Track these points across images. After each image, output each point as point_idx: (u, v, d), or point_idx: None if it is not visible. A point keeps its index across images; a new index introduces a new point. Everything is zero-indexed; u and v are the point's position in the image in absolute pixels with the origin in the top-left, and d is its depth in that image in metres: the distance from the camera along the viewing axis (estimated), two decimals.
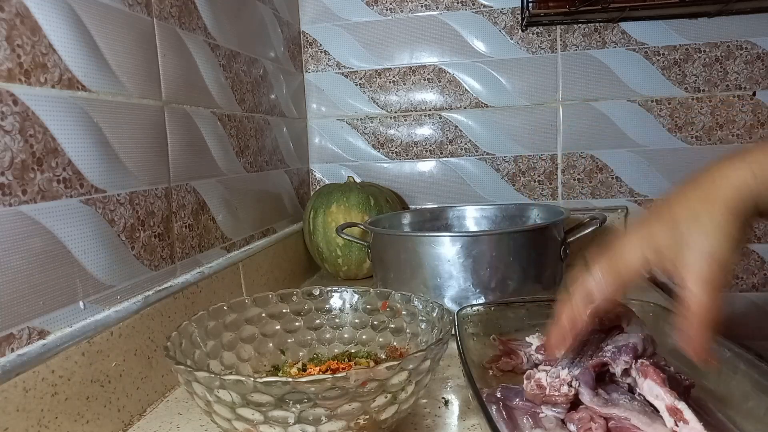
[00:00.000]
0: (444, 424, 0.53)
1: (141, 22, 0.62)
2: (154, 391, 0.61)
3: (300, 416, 0.41)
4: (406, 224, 1.00)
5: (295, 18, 1.17)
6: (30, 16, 0.47)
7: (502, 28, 1.13)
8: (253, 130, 0.92)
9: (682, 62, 1.08)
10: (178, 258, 0.69)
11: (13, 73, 0.45)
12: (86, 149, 0.53)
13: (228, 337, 0.58)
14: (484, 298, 0.74)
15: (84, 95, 0.53)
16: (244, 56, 0.90)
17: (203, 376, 0.41)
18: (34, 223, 0.47)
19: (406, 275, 0.78)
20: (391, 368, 0.41)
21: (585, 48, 1.10)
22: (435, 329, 0.55)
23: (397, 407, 0.45)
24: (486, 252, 0.74)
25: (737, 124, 1.08)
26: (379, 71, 1.18)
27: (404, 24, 1.16)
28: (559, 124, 1.13)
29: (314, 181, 1.24)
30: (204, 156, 0.76)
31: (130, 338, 0.57)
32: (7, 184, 0.44)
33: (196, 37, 0.75)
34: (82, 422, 0.49)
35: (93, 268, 0.54)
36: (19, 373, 0.43)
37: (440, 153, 1.18)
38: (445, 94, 1.17)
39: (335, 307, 0.64)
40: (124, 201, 0.59)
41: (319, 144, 1.22)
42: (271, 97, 1.01)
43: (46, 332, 0.48)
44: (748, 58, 1.06)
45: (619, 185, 1.13)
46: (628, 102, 1.10)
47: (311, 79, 1.21)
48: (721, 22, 1.06)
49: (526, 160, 1.15)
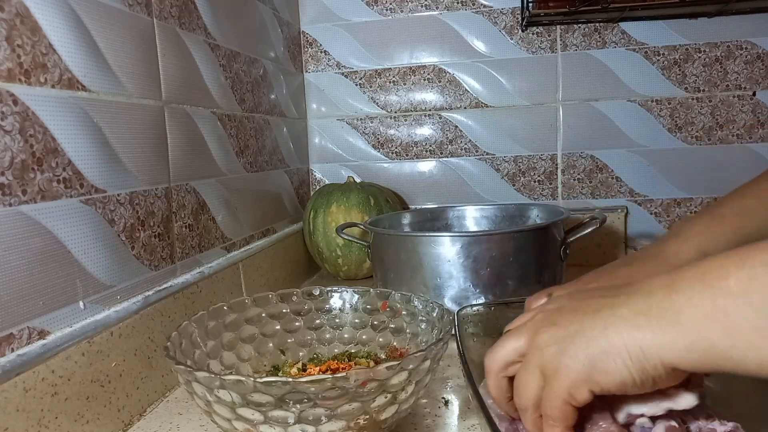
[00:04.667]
0: (444, 424, 0.53)
1: (141, 22, 0.62)
2: (154, 391, 0.60)
3: (300, 416, 0.41)
4: (406, 224, 1.00)
5: (295, 18, 1.17)
6: (30, 16, 0.47)
7: (502, 28, 1.13)
8: (253, 130, 0.92)
9: (682, 62, 1.08)
10: (178, 258, 0.69)
11: (13, 73, 0.45)
12: (86, 149, 0.53)
13: (228, 337, 0.58)
14: (484, 298, 0.74)
15: (84, 95, 0.53)
16: (244, 56, 0.90)
17: (203, 376, 0.41)
18: (34, 223, 0.47)
19: (406, 275, 0.78)
20: (391, 368, 0.41)
21: (585, 48, 1.10)
22: (435, 329, 0.55)
23: (397, 407, 0.45)
24: (486, 252, 0.74)
25: (737, 124, 1.08)
26: (379, 71, 1.18)
27: (404, 24, 1.16)
28: (559, 124, 1.13)
29: (314, 181, 1.24)
30: (204, 156, 0.76)
31: (130, 338, 0.57)
32: (7, 184, 0.44)
33: (196, 37, 0.75)
34: (82, 422, 0.49)
35: (93, 268, 0.54)
36: (19, 373, 0.43)
37: (440, 153, 1.18)
38: (445, 94, 1.17)
39: (335, 307, 0.64)
40: (124, 201, 0.59)
41: (319, 144, 1.22)
42: (271, 97, 1.01)
43: (46, 332, 0.48)
44: (748, 58, 1.06)
45: (619, 185, 1.13)
46: (628, 102, 1.10)
47: (311, 79, 1.21)
48: (721, 22, 1.06)
49: (526, 160, 1.15)
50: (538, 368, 0.38)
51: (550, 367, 0.38)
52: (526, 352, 0.40)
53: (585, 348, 0.36)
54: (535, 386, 0.39)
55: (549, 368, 0.38)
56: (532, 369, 0.39)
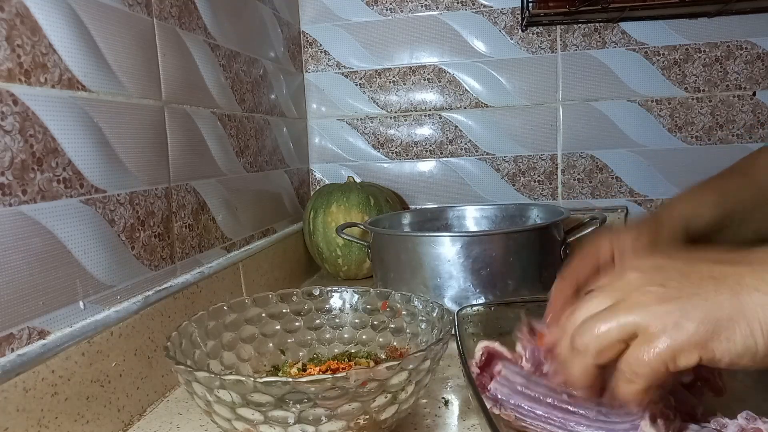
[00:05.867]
0: (444, 424, 0.53)
1: (141, 22, 0.62)
2: (154, 391, 0.60)
3: (300, 416, 0.41)
4: (406, 224, 1.00)
5: (295, 18, 1.17)
6: (30, 16, 0.47)
7: (502, 28, 1.13)
8: (253, 130, 0.92)
9: (682, 62, 1.08)
10: (178, 258, 0.69)
11: (13, 73, 0.45)
12: (86, 149, 0.53)
13: (228, 337, 0.58)
14: (484, 298, 0.74)
15: (84, 95, 0.53)
16: (244, 56, 0.90)
17: (203, 376, 0.41)
18: (34, 223, 0.47)
19: (406, 275, 0.78)
20: (391, 368, 0.41)
21: (585, 48, 1.10)
22: (435, 329, 0.55)
23: (397, 407, 0.45)
24: (486, 252, 0.74)
25: (737, 124, 1.08)
26: (379, 71, 1.18)
27: (404, 24, 1.16)
28: (559, 124, 1.13)
29: (314, 181, 1.24)
30: (204, 156, 0.76)
31: (130, 338, 0.56)
32: (7, 184, 0.44)
33: (196, 37, 0.75)
34: (82, 422, 0.49)
35: (93, 268, 0.54)
36: (19, 373, 0.43)
37: (440, 153, 1.18)
38: (445, 94, 1.17)
39: (335, 307, 0.64)
40: (124, 201, 0.59)
41: (319, 144, 1.22)
42: (271, 97, 1.01)
43: (46, 332, 0.48)
44: (748, 58, 1.06)
45: (619, 185, 1.13)
46: (628, 102, 1.10)
47: (311, 79, 1.21)
48: (721, 22, 1.06)
49: (526, 160, 1.15)
50: (632, 324, 0.36)
51: (656, 325, 0.36)
52: (618, 305, 0.38)
53: (708, 311, 0.35)
54: (616, 335, 0.37)
55: (654, 326, 0.36)
56: (623, 321, 0.37)
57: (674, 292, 0.37)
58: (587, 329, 0.38)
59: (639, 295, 0.37)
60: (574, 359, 0.39)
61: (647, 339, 0.36)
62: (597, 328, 0.37)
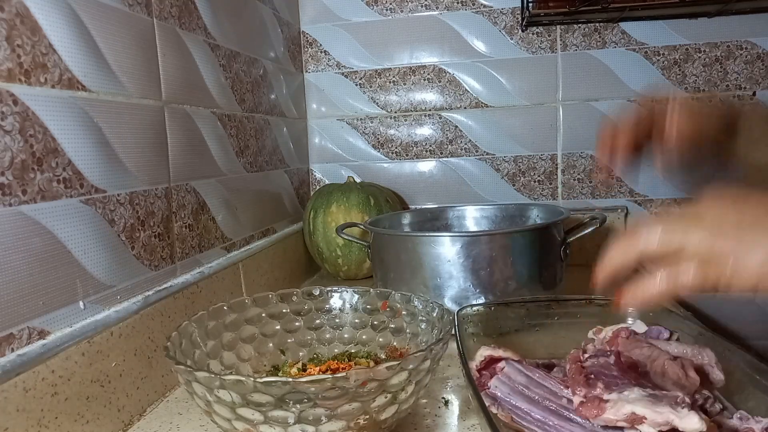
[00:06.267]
0: (444, 424, 0.53)
1: (141, 22, 0.62)
2: (154, 391, 0.61)
3: (300, 416, 0.41)
4: (406, 224, 1.00)
5: (295, 18, 1.17)
6: (30, 16, 0.47)
7: (502, 28, 1.13)
8: (253, 130, 0.92)
9: (682, 62, 1.08)
10: (178, 258, 0.69)
11: (13, 73, 0.45)
12: (86, 149, 0.53)
13: (228, 337, 0.58)
14: (484, 298, 0.74)
15: (84, 95, 0.53)
16: (244, 56, 0.90)
17: (203, 376, 0.41)
18: (34, 223, 0.47)
19: (406, 275, 0.78)
20: (391, 368, 0.41)
21: (585, 48, 1.10)
22: (435, 329, 0.55)
23: (397, 407, 0.45)
24: (486, 252, 0.74)
25: None
26: (379, 71, 1.18)
27: (404, 24, 1.16)
28: (559, 124, 1.13)
29: (314, 181, 1.24)
30: (204, 156, 0.76)
31: (130, 338, 0.56)
32: (7, 184, 0.44)
33: (196, 37, 0.75)
34: (82, 422, 0.49)
35: (93, 268, 0.54)
36: (19, 373, 0.43)
37: (440, 153, 1.18)
38: (445, 94, 1.17)
39: (335, 307, 0.64)
40: (124, 201, 0.59)
41: (319, 144, 1.22)
42: (271, 97, 1.01)
43: (46, 332, 0.48)
44: (748, 58, 1.06)
45: (619, 185, 1.13)
46: (628, 102, 1.10)
47: (311, 79, 1.21)
48: (721, 22, 1.06)
49: (526, 160, 1.15)
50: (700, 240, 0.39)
51: (724, 247, 0.38)
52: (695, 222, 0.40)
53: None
54: (679, 241, 0.39)
55: (722, 248, 0.38)
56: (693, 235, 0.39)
57: (751, 219, 0.39)
58: (659, 228, 0.41)
59: (714, 219, 0.40)
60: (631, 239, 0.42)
61: (710, 259, 0.39)
62: (671, 230, 0.40)
